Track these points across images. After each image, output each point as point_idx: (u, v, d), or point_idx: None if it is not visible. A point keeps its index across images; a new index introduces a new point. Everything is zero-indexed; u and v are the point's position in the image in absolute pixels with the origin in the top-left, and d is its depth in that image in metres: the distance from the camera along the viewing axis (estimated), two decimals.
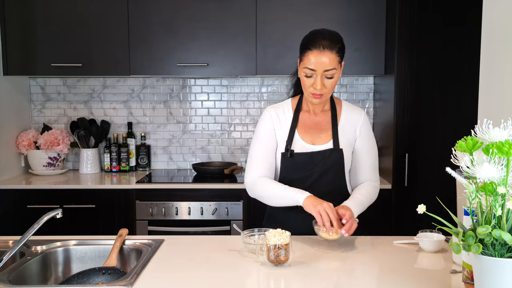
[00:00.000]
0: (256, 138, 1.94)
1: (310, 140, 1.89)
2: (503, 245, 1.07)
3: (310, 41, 1.77)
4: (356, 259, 1.62)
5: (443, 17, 2.81)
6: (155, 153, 3.58)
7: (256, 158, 1.91)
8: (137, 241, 1.79)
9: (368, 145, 1.96)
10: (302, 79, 1.81)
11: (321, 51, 1.74)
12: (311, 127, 1.91)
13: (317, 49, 1.74)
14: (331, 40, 1.76)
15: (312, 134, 1.90)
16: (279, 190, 1.82)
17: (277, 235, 1.51)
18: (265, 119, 1.93)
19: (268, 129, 1.92)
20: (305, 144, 1.88)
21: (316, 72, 1.76)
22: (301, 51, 1.80)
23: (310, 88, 1.79)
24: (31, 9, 3.12)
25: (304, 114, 1.93)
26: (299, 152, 1.87)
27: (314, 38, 1.77)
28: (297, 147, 1.88)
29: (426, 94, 2.87)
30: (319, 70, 1.75)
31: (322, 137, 1.90)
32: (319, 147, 1.88)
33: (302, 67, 1.79)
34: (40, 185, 3.00)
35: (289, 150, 1.87)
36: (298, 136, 1.89)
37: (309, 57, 1.76)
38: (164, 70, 3.16)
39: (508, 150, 1.04)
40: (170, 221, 2.96)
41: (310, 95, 1.82)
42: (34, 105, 3.55)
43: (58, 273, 1.76)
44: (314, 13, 3.07)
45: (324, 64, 1.74)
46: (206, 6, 3.10)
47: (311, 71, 1.76)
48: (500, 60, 1.84)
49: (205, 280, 1.45)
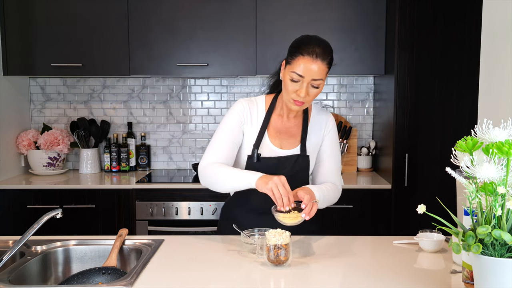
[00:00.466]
0: (221, 127, 1.84)
1: (279, 144, 1.85)
2: (503, 245, 1.07)
3: (303, 46, 1.69)
4: (356, 259, 1.61)
5: (443, 17, 2.81)
6: (155, 153, 3.59)
7: (216, 146, 1.81)
8: (137, 241, 1.79)
9: (332, 149, 1.92)
10: (286, 82, 1.72)
11: (314, 58, 1.66)
12: (281, 132, 1.86)
13: (309, 56, 1.67)
14: (325, 50, 1.69)
15: (281, 139, 1.86)
16: (231, 172, 1.71)
17: (277, 235, 1.51)
18: (236, 111, 1.85)
19: (237, 121, 1.84)
20: (273, 147, 1.84)
21: (303, 79, 1.68)
22: (291, 54, 1.71)
23: (293, 94, 1.71)
24: (31, 9, 3.12)
25: (276, 117, 1.87)
26: (266, 156, 1.82)
27: (308, 44, 1.69)
28: (265, 150, 1.83)
29: (426, 94, 2.87)
30: (307, 78, 1.68)
31: (291, 142, 1.86)
32: (286, 152, 1.84)
33: (290, 71, 1.70)
34: (40, 185, 3.00)
35: (256, 154, 1.81)
36: (267, 139, 1.84)
37: (299, 62, 1.68)
38: (164, 70, 3.16)
39: (508, 150, 1.04)
40: (170, 221, 2.96)
41: (291, 100, 1.73)
42: (34, 105, 3.55)
43: (58, 273, 1.76)
44: (314, 13, 3.08)
45: (314, 72, 1.67)
46: (206, 6, 3.10)
47: (299, 76, 1.68)
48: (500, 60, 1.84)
49: (205, 280, 1.45)
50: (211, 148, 1.82)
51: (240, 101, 1.88)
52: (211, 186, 1.79)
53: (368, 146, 3.48)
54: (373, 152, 3.43)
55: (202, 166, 1.80)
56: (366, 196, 2.96)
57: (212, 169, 1.75)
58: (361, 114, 3.53)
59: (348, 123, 3.49)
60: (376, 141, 3.41)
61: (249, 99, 1.90)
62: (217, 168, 1.74)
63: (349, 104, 3.52)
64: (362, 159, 3.41)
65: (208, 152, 1.81)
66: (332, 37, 3.07)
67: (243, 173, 1.69)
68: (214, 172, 1.75)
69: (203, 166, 1.79)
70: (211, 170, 1.76)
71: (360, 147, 3.47)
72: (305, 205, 1.60)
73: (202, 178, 1.81)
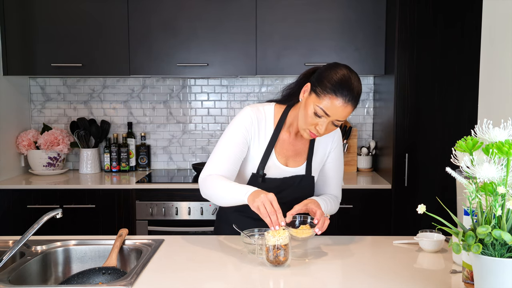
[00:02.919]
0: (226, 137, 1.78)
1: (284, 161, 1.81)
2: (503, 245, 1.07)
3: (339, 87, 1.59)
4: (356, 259, 1.61)
5: (443, 17, 2.81)
6: (155, 153, 3.59)
7: (218, 158, 1.75)
8: (137, 241, 1.79)
9: (336, 164, 1.90)
10: (308, 113, 1.64)
11: (346, 103, 1.59)
12: (288, 149, 1.82)
13: (342, 99, 1.58)
14: (357, 96, 1.62)
15: (287, 156, 1.82)
16: (226, 187, 1.65)
17: (277, 235, 1.50)
18: (244, 124, 1.77)
19: (243, 135, 1.77)
20: (278, 164, 1.80)
21: (328, 118, 1.62)
22: (323, 87, 1.60)
23: (311, 126, 1.65)
24: (31, 9, 3.12)
25: (284, 135, 1.81)
26: (271, 177, 1.79)
27: (344, 86, 1.59)
28: (270, 167, 1.79)
29: (426, 94, 2.87)
30: (332, 118, 1.62)
31: (297, 160, 1.83)
32: (291, 170, 1.81)
33: (316, 104, 1.61)
34: (40, 185, 3.00)
35: (262, 174, 1.78)
36: (274, 156, 1.80)
37: (329, 101, 1.59)
38: (164, 70, 3.16)
39: (508, 150, 1.04)
40: (170, 221, 2.96)
41: (306, 131, 1.68)
42: (34, 105, 3.55)
43: (58, 273, 1.76)
44: (314, 13, 3.07)
45: (341, 115, 1.61)
46: (206, 6, 3.10)
47: (325, 114, 1.61)
48: (500, 60, 1.84)
49: (205, 280, 1.45)
50: (213, 160, 1.77)
51: (248, 112, 1.78)
52: (209, 198, 1.75)
53: (368, 146, 3.48)
54: (373, 152, 3.44)
55: (202, 177, 1.76)
56: (366, 196, 2.96)
57: (211, 181, 1.71)
58: (361, 114, 3.53)
59: (348, 123, 3.49)
60: (376, 141, 3.41)
61: (257, 108, 1.81)
62: (215, 181, 1.70)
63: None
64: (362, 159, 3.41)
65: (210, 164, 1.77)
66: (332, 37, 3.07)
67: (236, 189, 1.63)
68: (212, 185, 1.70)
69: (203, 177, 1.75)
70: (210, 182, 1.71)
71: (360, 147, 3.47)
72: (318, 220, 1.62)
73: (201, 189, 1.77)
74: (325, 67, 1.67)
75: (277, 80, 3.52)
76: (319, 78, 1.64)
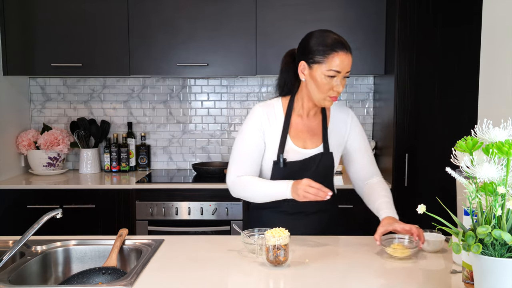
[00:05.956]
0: (242, 137, 1.86)
1: (302, 144, 1.86)
2: (503, 245, 1.07)
3: (332, 44, 1.72)
4: (356, 259, 1.61)
5: (443, 17, 2.81)
6: (155, 153, 3.58)
7: (239, 157, 1.85)
8: (137, 241, 1.79)
9: (362, 143, 1.95)
10: (320, 82, 1.73)
11: (346, 52, 1.73)
12: (303, 131, 1.87)
13: (343, 51, 1.72)
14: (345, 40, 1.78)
15: (303, 138, 1.86)
16: (263, 188, 1.79)
17: (276, 236, 1.50)
18: (255, 120, 1.85)
19: (257, 130, 1.84)
20: (296, 148, 1.84)
21: (340, 74, 1.73)
22: (320, 53, 1.73)
23: (330, 91, 1.75)
24: (31, 9, 3.12)
25: (296, 118, 1.87)
26: (291, 160, 1.83)
27: (335, 41, 1.73)
28: (289, 152, 1.84)
29: (426, 94, 2.86)
30: (343, 72, 1.73)
31: (314, 141, 1.87)
32: (310, 151, 1.85)
33: (325, 69, 1.72)
34: (40, 185, 3.00)
35: (282, 159, 1.82)
36: (290, 141, 1.85)
37: (335, 59, 1.71)
38: (164, 70, 3.16)
39: (508, 150, 1.04)
40: (170, 221, 2.96)
41: (327, 98, 1.77)
42: (34, 105, 3.55)
43: (58, 273, 1.76)
44: (314, 13, 3.07)
45: (349, 65, 1.74)
46: (206, 6, 3.10)
47: (336, 73, 1.72)
48: (500, 60, 1.84)
49: (205, 280, 1.45)
50: (235, 162, 1.86)
51: (258, 110, 1.87)
52: (245, 198, 1.88)
53: None
54: (373, 152, 3.43)
55: (231, 180, 1.86)
56: None
57: (245, 183, 1.82)
58: (361, 114, 3.53)
59: None
60: (376, 141, 3.41)
61: (264, 103, 1.90)
62: (249, 182, 1.82)
63: (349, 104, 3.52)
64: None
65: (233, 166, 1.86)
66: None
67: (275, 187, 1.76)
68: (247, 186, 1.82)
69: (232, 180, 1.86)
70: (243, 184, 1.83)
71: None
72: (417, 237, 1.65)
73: (233, 191, 1.88)
74: (305, 40, 1.81)
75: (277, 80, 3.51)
76: (310, 50, 1.76)
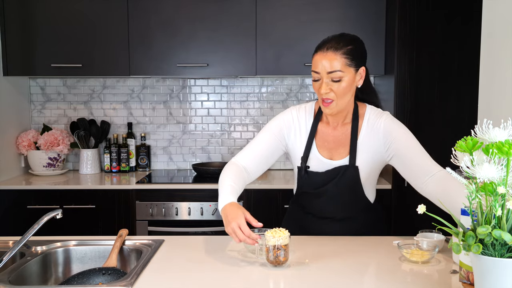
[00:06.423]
0: (261, 133, 1.87)
1: (328, 155, 1.80)
2: (503, 245, 1.07)
3: (319, 44, 1.73)
4: (356, 259, 1.61)
5: (443, 17, 2.81)
6: (155, 153, 3.58)
7: (248, 149, 1.85)
8: (137, 242, 1.79)
9: (407, 142, 1.76)
10: (313, 85, 1.75)
11: (324, 52, 1.68)
12: (329, 141, 1.81)
13: (321, 51, 1.69)
14: (337, 42, 1.69)
15: (330, 149, 1.81)
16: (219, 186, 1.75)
17: (276, 236, 1.50)
18: (278, 123, 1.85)
19: (276, 133, 1.84)
20: (322, 159, 1.80)
21: (320, 75, 1.69)
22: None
23: (321, 95, 1.71)
24: (31, 9, 3.12)
25: (323, 126, 1.83)
26: (314, 171, 1.80)
27: (322, 41, 1.73)
28: (314, 161, 1.80)
29: (426, 94, 2.86)
30: (323, 73, 1.68)
31: (340, 152, 1.80)
32: (336, 163, 1.79)
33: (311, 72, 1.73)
34: (40, 186, 3.00)
35: (305, 167, 1.80)
36: (315, 150, 1.81)
37: (314, 59, 1.71)
38: (164, 70, 3.16)
39: (508, 150, 1.04)
40: (170, 221, 2.95)
41: (321, 102, 1.73)
42: (34, 105, 3.55)
43: (58, 274, 1.76)
44: (314, 13, 3.07)
45: (326, 65, 1.67)
46: (206, 6, 3.10)
47: (316, 74, 1.70)
48: (500, 60, 1.84)
49: (205, 280, 1.45)
50: (244, 150, 1.86)
51: (290, 110, 1.88)
52: None
53: None
54: None
55: (229, 161, 1.86)
56: None
57: (225, 172, 1.80)
58: None
59: None
60: None
61: (299, 105, 1.89)
62: (224, 174, 1.79)
63: None
64: None
65: (241, 153, 1.86)
66: None
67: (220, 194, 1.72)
68: (222, 175, 1.79)
69: (230, 161, 1.86)
70: (224, 172, 1.80)
71: None
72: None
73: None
74: None
75: (277, 80, 3.51)
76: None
